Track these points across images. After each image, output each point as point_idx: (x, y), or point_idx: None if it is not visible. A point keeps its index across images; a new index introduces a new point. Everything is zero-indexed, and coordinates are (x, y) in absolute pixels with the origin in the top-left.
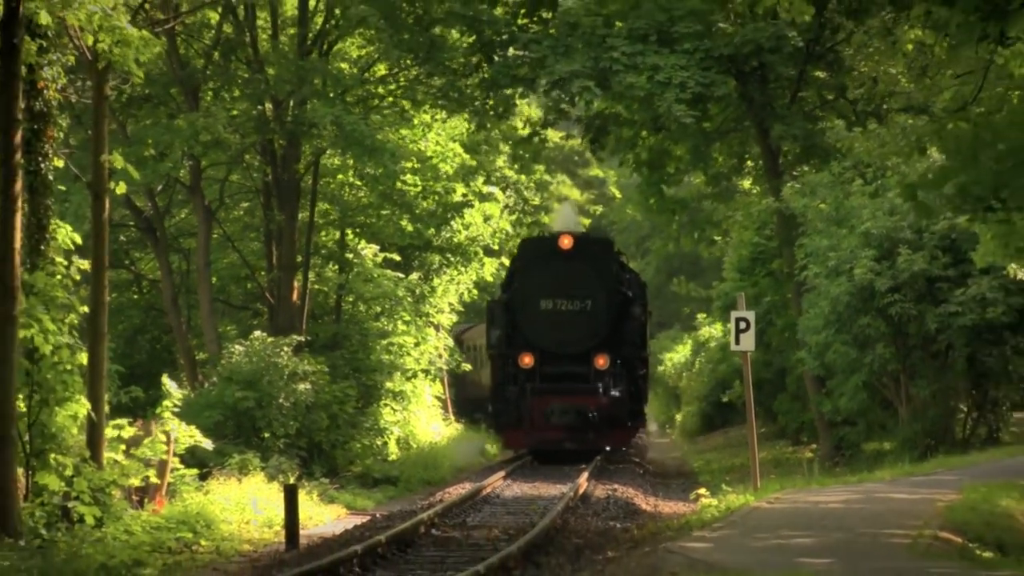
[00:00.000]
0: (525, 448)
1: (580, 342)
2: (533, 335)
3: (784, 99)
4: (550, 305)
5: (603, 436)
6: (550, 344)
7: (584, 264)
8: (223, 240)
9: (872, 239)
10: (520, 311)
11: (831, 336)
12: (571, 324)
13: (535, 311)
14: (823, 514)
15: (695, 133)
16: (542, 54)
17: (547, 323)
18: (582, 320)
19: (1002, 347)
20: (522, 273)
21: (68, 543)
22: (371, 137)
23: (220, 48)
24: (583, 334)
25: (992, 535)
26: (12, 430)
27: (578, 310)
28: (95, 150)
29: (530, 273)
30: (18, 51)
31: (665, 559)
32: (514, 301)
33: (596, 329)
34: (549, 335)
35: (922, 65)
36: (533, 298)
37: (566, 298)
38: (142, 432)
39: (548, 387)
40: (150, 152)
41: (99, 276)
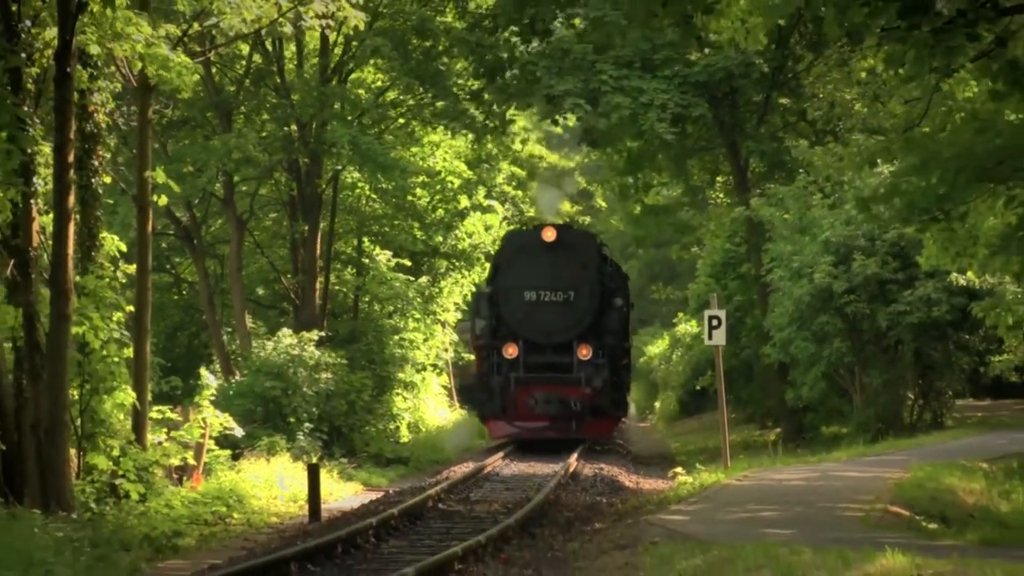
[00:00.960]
0: (509, 438)
1: (563, 332)
2: (517, 326)
3: (752, 121)
4: (534, 296)
5: (586, 425)
6: (534, 335)
7: (567, 256)
8: (253, 247)
9: (830, 246)
10: (504, 302)
11: (793, 332)
12: (554, 315)
13: (519, 302)
14: (786, 490)
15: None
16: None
17: (531, 314)
18: (565, 311)
19: (945, 342)
20: (506, 265)
21: (115, 516)
22: (384, 155)
23: (251, 76)
24: (566, 325)
25: (936, 509)
26: (65, 416)
27: (561, 301)
28: (139, 167)
29: (514, 265)
30: (71, 79)
31: (646, 530)
32: (498, 292)
33: (579, 320)
34: (533, 326)
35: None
36: (517, 289)
37: (549, 289)
38: (181, 417)
39: (532, 377)
40: (188, 169)
41: (143, 279)
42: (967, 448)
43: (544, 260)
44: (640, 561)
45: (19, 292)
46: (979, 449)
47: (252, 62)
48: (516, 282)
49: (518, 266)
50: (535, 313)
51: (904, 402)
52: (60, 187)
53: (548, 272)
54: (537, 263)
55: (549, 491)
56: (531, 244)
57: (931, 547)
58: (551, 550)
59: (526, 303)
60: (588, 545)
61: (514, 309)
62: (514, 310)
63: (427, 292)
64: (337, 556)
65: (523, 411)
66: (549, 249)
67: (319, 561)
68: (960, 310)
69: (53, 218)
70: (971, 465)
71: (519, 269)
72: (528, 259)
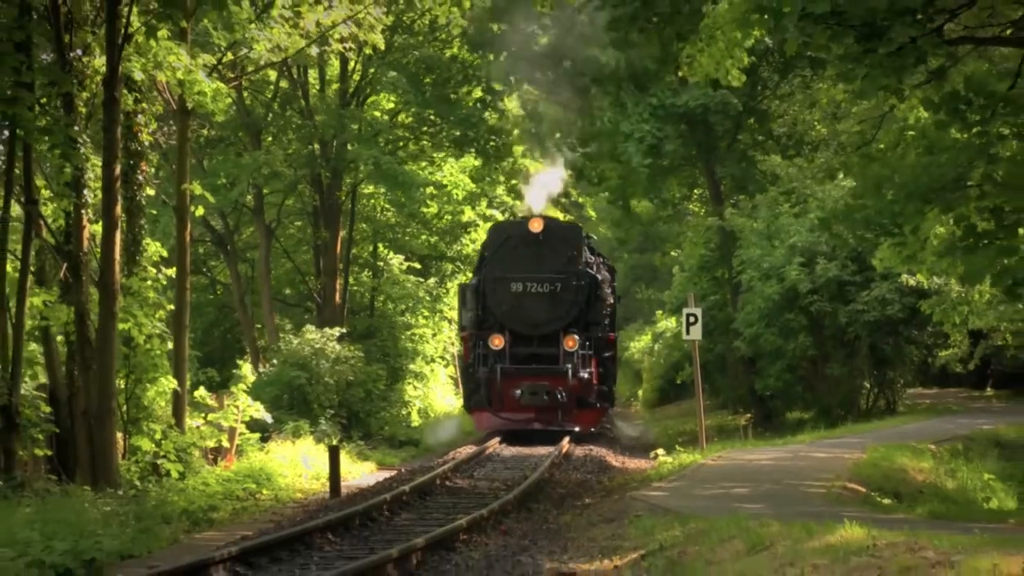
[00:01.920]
0: (494, 429)
1: (549, 323)
2: (503, 317)
3: (725, 142)
4: (520, 287)
5: (572, 417)
6: (520, 325)
7: (554, 247)
8: (280, 252)
9: (797, 250)
10: (490, 293)
11: (762, 328)
12: (540, 306)
13: (505, 293)
14: (756, 469)
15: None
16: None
17: (517, 305)
18: (551, 302)
19: (897, 337)
20: (493, 256)
21: (157, 492)
22: (398, 171)
23: (278, 100)
24: (552, 316)
25: (889, 486)
26: (113, 403)
27: (547, 292)
28: (178, 181)
29: (500, 256)
30: (118, 103)
31: (631, 505)
32: (485, 283)
33: (565, 310)
34: (519, 316)
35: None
36: (503, 280)
37: (536, 280)
38: (216, 404)
39: (518, 368)
40: (222, 182)
41: (182, 281)
42: (917, 431)
43: (531, 251)
44: (625, 532)
45: (71, 292)
46: (927, 432)
47: (279, 87)
48: (502, 273)
49: (505, 257)
50: (521, 304)
51: (860, 390)
52: (108, 199)
53: (535, 263)
54: (524, 254)
55: (544, 470)
56: (518, 235)
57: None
58: (546, 522)
59: (512, 294)
60: (579, 518)
61: (500, 300)
62: (500, 301)
63: (435, 292)
64: (355, 528)
65: (509, 402)
66: (536, 240)
67: (339, 532)
68: (910, 309)
69: (102, 226)
70: (920, 447)
71: (506, 260)
72: (515, 250)
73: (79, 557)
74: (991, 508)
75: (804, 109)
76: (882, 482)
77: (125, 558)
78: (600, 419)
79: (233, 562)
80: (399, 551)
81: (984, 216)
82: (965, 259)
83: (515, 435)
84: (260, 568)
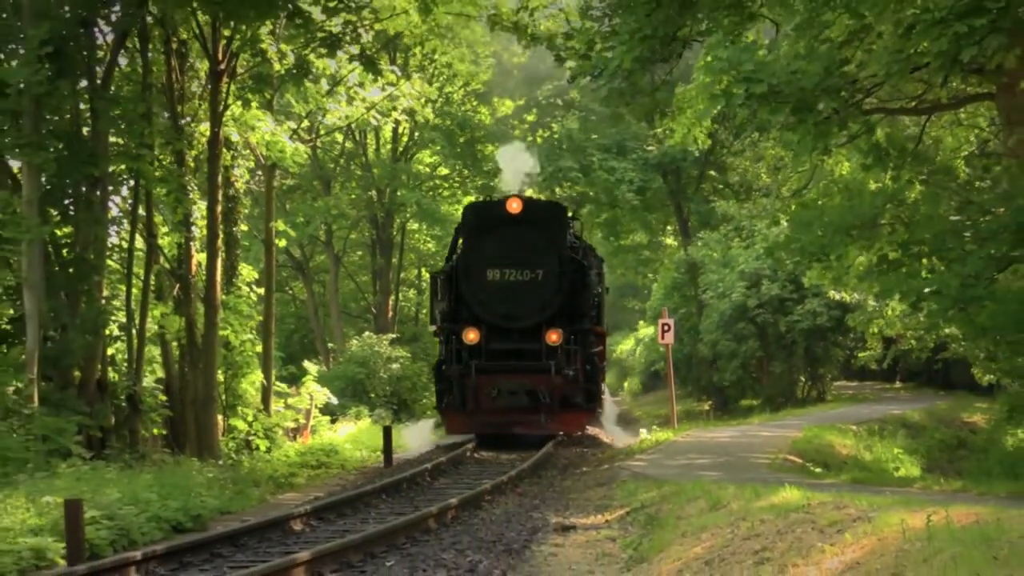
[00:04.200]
0: (469, 433)
1: (530, 315)
2: (478, 308)
3: (691, 188)
4: (497, 275)
5: (556, 419)
6: (497, 318)
7: (534, 230)
8: (345, 275)
9: (745, 275)
10: (464, 282)
11: (719, 335)
12: (520, 295)
13: (481, 281)
14: (716, 444)
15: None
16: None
17: (494, 294)
18: (532, 291)
19: (826, 341)
20: (467, 240)
21: (249, 462)
22: (436, 211)
23: (343, 156)
24: (533, 306)
25: (820, 458)
26: (215, 392)
27: (528, 280)
28: (266, 219)
29: (475, 240)
30: (218, 158)
31: (618, 472)
32: (458, 271)
33: (548, 301)
34: (496, 308)
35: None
36: (478, 267)
37: (514, 267)
38: (295, 393)
39: (495, 365)
40: (300, 220)
41: (268, 297)
42: (841, 415)
43: (509, 234)
44: (614, 494)
45: (183, 306)
46: (850, 416)
47: (344, 147)
48: (477, 259)
49: (480, 241)
50: (499, 293)
51: (797, 383)
52: (211, 233)
53: (513, 248)
54: (501, 238)
55: (549, 446)
56: (494, 217)
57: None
58: (551, 487)
59: (489, 282)
60: (578, 483)
61: (475, 289)
62: (475, 290)
63: None
64: (403, 490)
65: (485, 403)
66: (514, 222)
67: (391, 494)
68: (836, 319)
69: (206, 255)
70: (844, 427)
71: (481, 245)
72: (490, 233)
73: (188, 513)
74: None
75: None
76: (814, 455)
77: (224, 514)
78: (587, 422)
79: (308, 516)
80: (438, 508)
81: (894, 248)
82: (880, 281)
83: (490, 440)
84: (329, 521)
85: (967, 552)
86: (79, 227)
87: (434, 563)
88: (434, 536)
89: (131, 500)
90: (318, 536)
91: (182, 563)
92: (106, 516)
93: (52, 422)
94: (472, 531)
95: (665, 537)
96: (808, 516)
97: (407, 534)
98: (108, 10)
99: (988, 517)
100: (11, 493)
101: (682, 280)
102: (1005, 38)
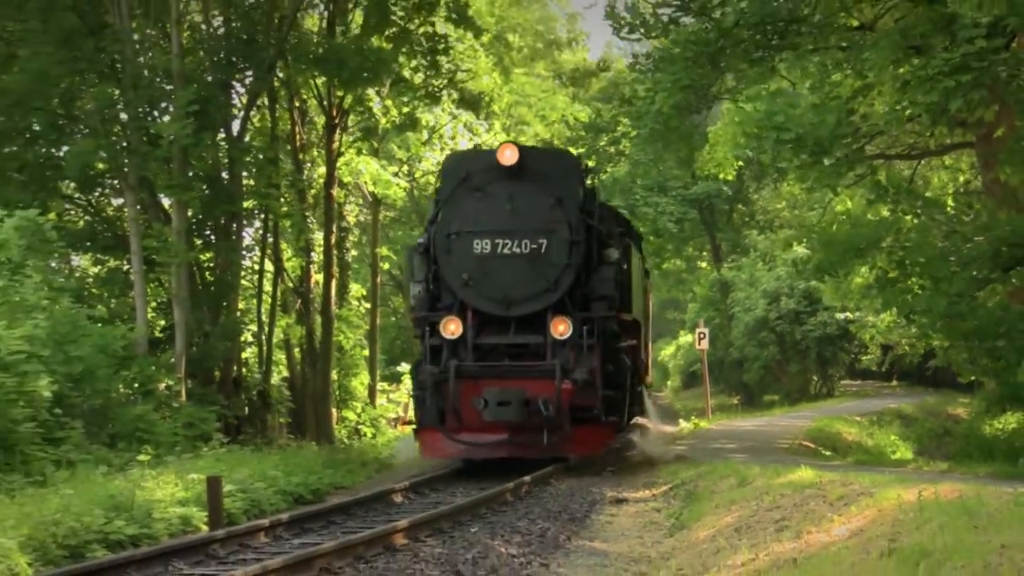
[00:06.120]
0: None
1: (531, 299)
2: (462, 291)
3: (723, 220)
4: (486, 247)
5: (564, 437)
6: (487, 303)
7: (535, 186)
8: None
9: (767, 293)
10: (443, 257)
11: (745, 342)
12: (517, 274)
13: (465, 256)
14: (743, 432)
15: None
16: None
17: (482, 273)
18: (533, 267)
19: (834, 347)
20: (447, 202)
21: (358, 446)
22: None
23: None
24: (535, 288)
25: (829, 443)
26: (330, 389)
27: (527, 253)
28: (372, 246)
29: (458, 202)
30: (333, 197)
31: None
32: (437, 243)
33: (555, 280)
34: (485, 290)
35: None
36: (462, 238)
37: (509, 236)
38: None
39: (481, 367)
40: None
41: (374, 310)
42: (848, 408)
43: (501, 193)
44: (659, 473)
45: (303, 318)
46: (854, 409)
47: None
48: (461, 227)
49: (463, 203)
50: (489, 272)
51: (810, 382)
52: (327, 258)
53: (508, 211)
54: (491, 198)
55: None
56: (482, 171)
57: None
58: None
59: (476, 257)
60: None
61: (458, 266)
62: (458, 268)
63: None
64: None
65: (469, 418)
66: (509, 177)
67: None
68: (843, 329)
69: (323, 275)
70: (849, 418)
71: (465, 208)
72: (478, 193)
73: (308, 487)
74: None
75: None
76: (825, 441)
77: (337, 488)
78: (608, 441)
79: (407, 491)
80: (514, 484)
81: (892, 267)
82: (880, 295)
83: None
84: (424, 495)
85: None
86: (219, 253)
87: (510, 529)
88: (511, 507)
89: (261, 477)
90: (415, 507)
91: (303, 528)
92: (240, 490)
93: (196, 412)
94: (542, 503)
95: (701, 508)
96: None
97: (488, 506)
98: (243, 75)
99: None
100: (163, 471)
101: (715, 297)
102: (986, 92)
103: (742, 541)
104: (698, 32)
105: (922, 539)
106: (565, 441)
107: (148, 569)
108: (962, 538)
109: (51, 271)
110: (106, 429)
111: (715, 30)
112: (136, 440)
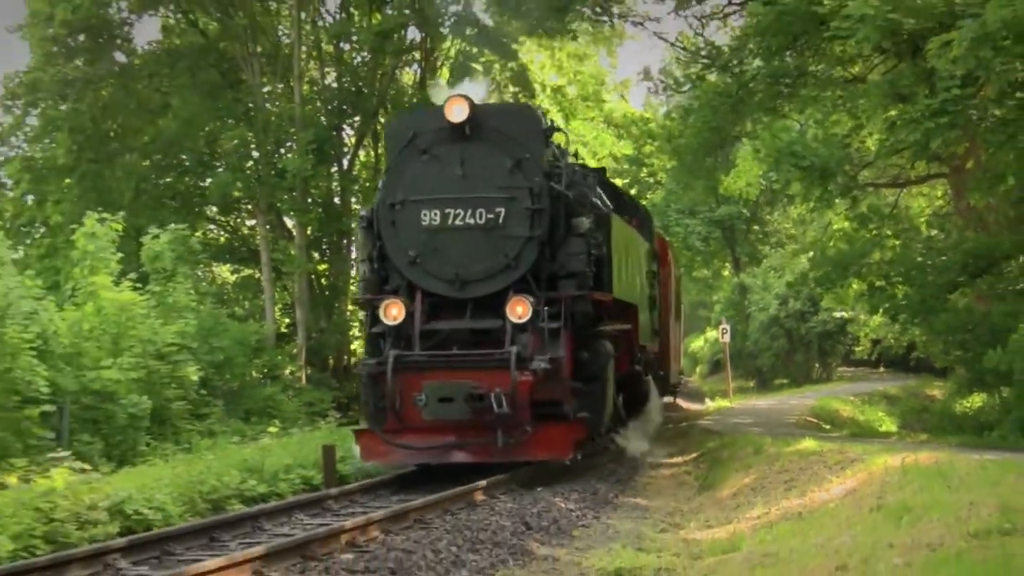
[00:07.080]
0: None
1: (487, 280)
2: (408, 269)
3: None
4: (435, 218)
5: (524, 438)
6: (436, 284)
7: (490, 147)
8: None
9: (778, 296)
10: (387, 230)
11: (759, 335)
12: (471, 248)
13: (412, 230)
14: (758, 410)
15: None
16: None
17: (430, 248)
18: (489, 241)
19: (833, 340)
20: (391, 168)
21: None
22: None
23: None
24: (491, 266)
25: (829, 419)
26: None
27: (482, 224)
28: None
29: (402, 167)
30: None
31: (692, 427)
32: (380, 215)
33: (515, 255)
34: (434, 267)
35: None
36: (407, 208)
37: (461, 205)
38: None
39: (422, 358)
40: None
41: None
42: (844, 390)
43: (452, 156)
44: (689, 443)
45: None
46: (849, 391)
47: None
48: (406, 195)
49: (409, 168)
50: (439, 247)
51: (812, 368)
52: None
53: (459, 176)
54: (440, 162)
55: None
56: (431, 131)
57: (827, 437)
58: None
59: (424, 230)
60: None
61: (404, 241)
62: (404, 243)
63: None
64: None
65: (410, 416)
66: (461, 138)
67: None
68: (840, 326)
69: None
70: (845, 398)
71: (411, 173)
72: (425, 156)
73: None
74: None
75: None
76: (825, 417)
77: None
78: (579, 442)
79: None
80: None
81: (879, 277)
82: (869, 301)
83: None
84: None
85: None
86: (332, 264)
87: (569, 488)
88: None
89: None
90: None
91: (402, 487)
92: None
93: (314, 393)
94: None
95: (724, 472)
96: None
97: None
98: (351, 120)
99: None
100: (288, 442)
101: (735, 299)
102: (960, 131)
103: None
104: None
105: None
106: (524, 443)
107: (275, 519)
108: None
109: (197, 279)
110: (242, 406)
111: (735, 83)
112: (266, 415)
